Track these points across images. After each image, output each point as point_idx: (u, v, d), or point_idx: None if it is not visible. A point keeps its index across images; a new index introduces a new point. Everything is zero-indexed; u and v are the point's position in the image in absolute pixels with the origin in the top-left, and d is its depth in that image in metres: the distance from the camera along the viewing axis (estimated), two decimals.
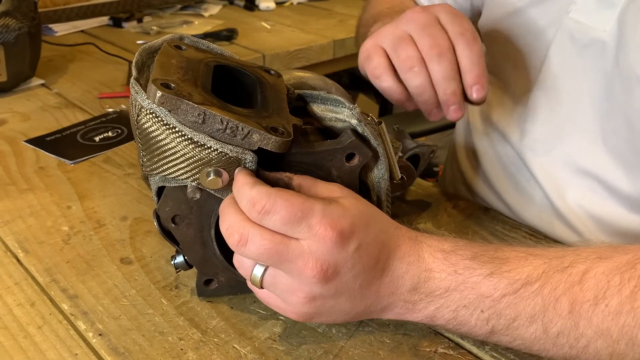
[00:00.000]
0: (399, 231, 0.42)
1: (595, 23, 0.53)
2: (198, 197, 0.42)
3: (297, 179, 0.42)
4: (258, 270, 0.40)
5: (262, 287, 0.41)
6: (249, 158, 0.40)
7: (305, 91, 0.48)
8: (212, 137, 0.39)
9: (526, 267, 0.40)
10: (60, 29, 1.25)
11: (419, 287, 0.41)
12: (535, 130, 0.63)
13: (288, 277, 0.39)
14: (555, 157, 0.61)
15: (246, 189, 0.38)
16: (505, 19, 0.62)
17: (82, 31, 1.27)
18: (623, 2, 0.51)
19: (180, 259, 0.47)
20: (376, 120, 0.46)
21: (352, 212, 0.39)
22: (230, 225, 0.39)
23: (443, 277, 0.40)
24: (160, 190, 0.44)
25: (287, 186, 0.41)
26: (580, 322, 0.38)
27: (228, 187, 0.41)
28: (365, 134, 0.43)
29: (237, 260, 0.41)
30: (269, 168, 0.42)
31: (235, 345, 0.45)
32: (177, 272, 0.49)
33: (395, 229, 0.42)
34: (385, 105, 1.87)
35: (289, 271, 0.39)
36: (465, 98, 0.52)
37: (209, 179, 0.40)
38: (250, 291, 0.49)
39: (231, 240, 0.38)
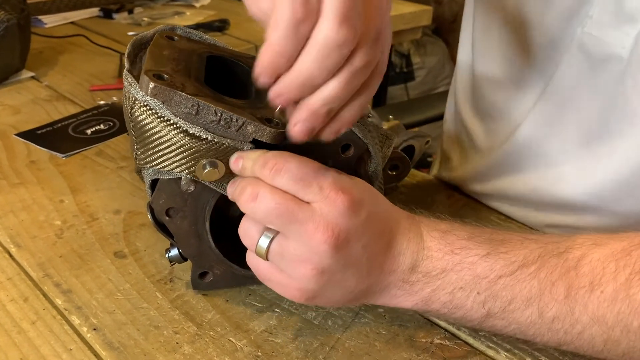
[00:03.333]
0: (397, 211, 0.42)
1: (613, 38, 0.50)
2: (192, 189, 0.42)
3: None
4: (264, 240, 0.39)
5: (267, 259, 0.39)
6: (245, 149, 0.40)
7: None
8: (206, 129, 0.39)
9: (522, 249, 0.39)
10: (50, 21, 1.24)
11: (417, 266, 0.40)
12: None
13: (297, 244, 0.38)
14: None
15: (258, 154, 0.39)
16: (514, 23, 0.60)
17: (72, 23, 1.26)
18: None
19: (174, 252, 0.47)
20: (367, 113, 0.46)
21: (361, 185, 0.40)
22: (243, 184, 0.38)
23: (440, 256, 0.40)
24: (154, 183, 0.44)
25: None
26: (575, 307, 0.38)
27: (224, 179, 0.41)
28: (354, 129, 0.42)
29: (242, 228, 0.40)
30: None
31: (231, 338, 0.45)
32: (172, 265, 0.49)
33: (394, 208, 0.43)
34: (378, 96, 1.86)
35: (298, 236, 0.37)
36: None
37: (205, 171, 0.40)
38: (245, 284, 0.49)
39: (242, 198, 0.38)
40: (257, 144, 0.40)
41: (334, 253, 0.37)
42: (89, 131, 0.75)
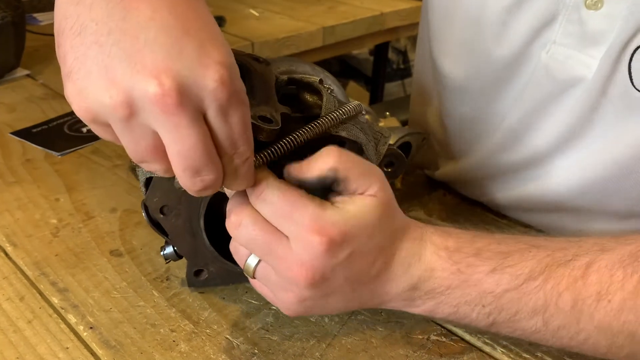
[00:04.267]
0: (403, 234, 0.41)
1: (577, 62, 0.49)
2: None
3: (344, 170, 0.38)
4: (252, 260, 0.39)
5: (254, 278, 0.40)
6: None
7: (295, 76, 0.47)
8: None
9: (529, 260, 0.39)
10: (45, 18, 1.23)
11: (418, 286, 0.40)
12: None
13: (277, 275, 0.38)
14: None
15: (259, 171, 0.37)
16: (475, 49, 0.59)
17: None
18: (611, 40, 0.46)
19: (169, 249, 0.47)
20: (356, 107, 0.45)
21: (352, 221, 0.37)
22: (232, 206, 0.38)
23: (445, 275, 0.40)
24: (148, 181, 0.44)
25: (334, 180, 0.38)
26: (581, 317, 0.38)
27: None
28: (345, 132, 0.42)
29: (233, 246, 0.40)
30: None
31: (227, 336, 0.45)
32: (167, 262, 0.49)
33: (401, 231, 0.41)
34: (375, 93, 1.87)
35: (277, 269, 0.38)
36: None
37: None
38: (241, 281, 0.49)
39: (229, 221, 0.38)
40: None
41: (311, 288, 0.37)
42: (84, 129, 0.75)
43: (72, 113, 0.79)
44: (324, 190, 0.39)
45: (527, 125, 0.54)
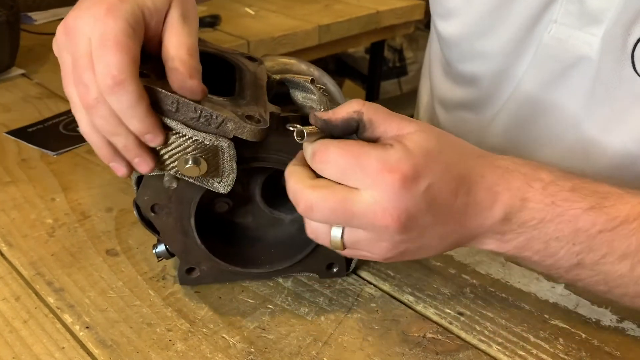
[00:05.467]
0: (483, 160, 0.40)
1: (579, 40, 0.50)
2: (175, 186, 0.42)
3: (368, 113, 0.38)
4: (336, 232, 0.38)
5: (345, 249, 0.39)
6: (225, 145, 0.40)
7: (287, 76, 0.47)
8: (187, 125, 0.39)
9: (625, 204, 0.39)
10: (40, 18, 1.23)
11: (511, 217, 0.39)
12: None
13: (366, 232, 0.37)
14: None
15: (310, 142, 0.38)
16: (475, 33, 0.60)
17: (62, 19, 1.25)
18: (610, 18, 0.48)
19: (161, 247, 0.47)
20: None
21: (415, 152, 0.36)
22: (294, 195, 0.38)
23: (540, 207, 0.38)
24: (139, 180, 0.44)
25: (359, 122, 0.39)
26: None
27: (207, 175, 0.41)
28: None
29: (310, 231, 0.40)
30: (247, 155, 0.42)
31: (224, 335, 0.45)
32: (159, 260, 0.49)
33: (478, 157, 0.40)
34: (371, 91, 1.87)
35: (363, 226, 0.37)
36: None
37: (187, 166, 0.40)
38: (234, 279, 0.49)
39: (299, 210, 0.38)
40: (238, 141, 0.40)
41: (402, 232, 0.37)
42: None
43: (67, 112, 0.79)
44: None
45: (530, 108, 0.55)
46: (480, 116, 0.63)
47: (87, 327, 0.45)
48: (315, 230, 0.39)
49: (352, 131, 0.38)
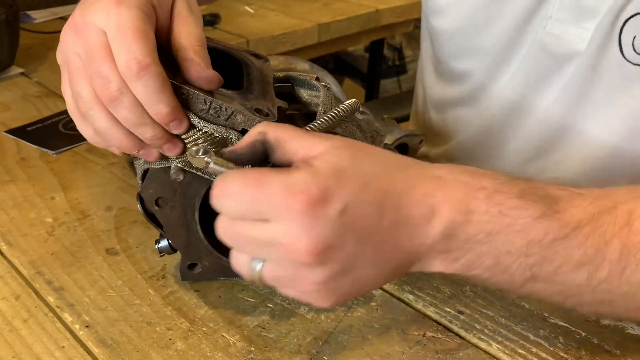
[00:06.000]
0: (412, 170, 0.36)
1: (572, 35, 0.50)
2: (181, 178, 0.42)
3: (273, 132, 0.35)
4: (255, 270, 0.35)
5: (267, 286, 0.36)
6: (234, 137, 0.40)
7: (292, 74, 0.47)
8: (197, 116, 0.39)
9: (577, 207, 0.36)
10: (39, 16, 1.23)
11: (454, 233, 0.35)
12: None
13: (282, 267, 0.34)
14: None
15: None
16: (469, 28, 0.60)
17: (61, 18, 1.25)
18: (604, 12, 0.47)
19: (164, 242, 0.47)
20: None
21: (324, 172, 0.32)
22: (219, 232, 0.36)
23: (486, 219, 0.34)
24: (145, 173, 0.44)
25: (265, 144, 0.36)
26: (627, 267, 0.35)
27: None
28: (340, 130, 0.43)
29: (233, 262, 0.36)
30: None
31: (224, 334, 0.45)
32: (161, 255, 0.49)
33: (406, 168, 0.36)
34: (371, 89, 1.86)
35: (278, 260, 0.34)
36: None
37: (196, 157, 0.40)
38: (234, 277, 0.49)
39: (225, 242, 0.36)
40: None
41: (321, 263, 0.32)
42: None
43: (66, 111, 0.79)
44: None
45: (518, 104, 0.55)
46: (474, 110, 0.63)
47: (87, 326, 0.45)
48: (237, 262, 0.36)
49: (261, 156, 0.35)
